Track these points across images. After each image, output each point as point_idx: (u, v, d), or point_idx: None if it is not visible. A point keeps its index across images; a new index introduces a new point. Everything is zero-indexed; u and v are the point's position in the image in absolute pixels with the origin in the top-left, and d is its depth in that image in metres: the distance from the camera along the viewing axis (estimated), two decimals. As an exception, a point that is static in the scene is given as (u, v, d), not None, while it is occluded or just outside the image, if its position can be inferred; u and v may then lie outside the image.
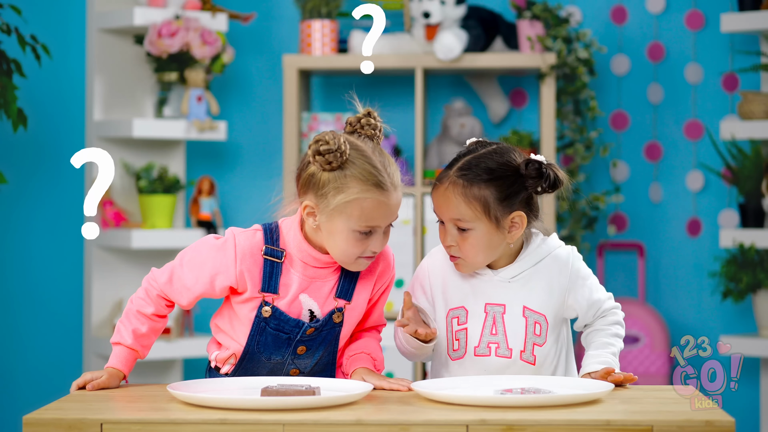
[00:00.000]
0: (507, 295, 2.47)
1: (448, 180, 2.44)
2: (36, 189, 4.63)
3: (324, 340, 2.45)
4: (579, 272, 2.50)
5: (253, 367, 2.46)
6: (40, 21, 4.54)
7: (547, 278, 2.48)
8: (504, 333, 2.47)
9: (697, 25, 4.82)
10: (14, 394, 4.60)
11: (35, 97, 4.55)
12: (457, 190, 2.42)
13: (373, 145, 2.38)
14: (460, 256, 2.45)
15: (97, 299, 4.57)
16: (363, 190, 2.32)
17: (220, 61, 4.53)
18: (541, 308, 2.47)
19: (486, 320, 2.47)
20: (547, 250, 2.49)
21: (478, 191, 2.41)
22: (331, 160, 2.31)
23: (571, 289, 2.49)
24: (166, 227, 4.52)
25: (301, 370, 2.46)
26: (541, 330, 2.47)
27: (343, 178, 2.32)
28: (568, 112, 4.67)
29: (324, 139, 2.32)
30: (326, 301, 2.43)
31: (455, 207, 2.42)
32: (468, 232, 2.42)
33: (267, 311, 2.40)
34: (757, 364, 4.68)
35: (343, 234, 2.34)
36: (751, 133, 4.48)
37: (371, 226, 2.34)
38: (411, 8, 4.57)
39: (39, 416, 2.10)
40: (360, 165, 2.33)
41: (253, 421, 2.07)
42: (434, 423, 2.07)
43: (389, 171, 2.36)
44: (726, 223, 4.74)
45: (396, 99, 4.88)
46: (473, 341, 2.48)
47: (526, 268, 2.48)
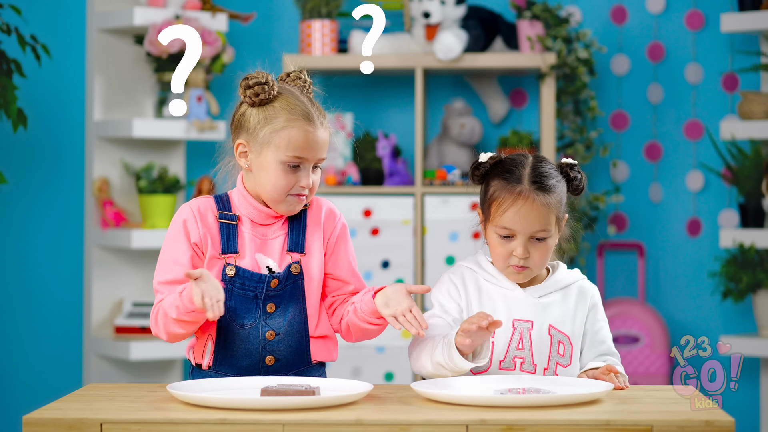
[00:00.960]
0: (535, 312, 2.51)
1: (524, 193, 2.47)
2: (36, 189, 4.63)
3: (291, 295, 2.49)
4: (599, 307, 2.59)
5: (231, 343, 2.49)
6: (40, 21, 4.54)
7: (573, 303, 2.55)
8: (530, 348, 2.50)
9: (697, 25, 4.82)
10: (14, 394, 4.60)
11: (35, 97, 4.55)
12: (538, 201, 2.47)
13: (301, 91, 2.52)
14: (530, 266, 2.49)
15: (97, 299, 4.57)
16: (290, 119, 2.45)
17: (220, 61, 4.53)
18: (566, 329, 2.52)
19: (513, 335, 2.50)
20: (574, 278, 2.58)
21: (553, 199, 2.49)
22: (259, 92, 2.45)
23: (589, 317, 2.56)
24: (166, 227, 4.52)
25: (276, 331, 2.48)
26: (564, 350, 2.51)
27: (271, 110, 2.46)
28: (568, 112, 4.67)
29: (252, 75, 2.47)
30: (281, 257, 2.50)
31: (540, 219, 2.46)
32: (545, 241, 2.48)
33: (231, 270, 2.47)
34: (757, 364, 4.68)
35: (272, 167, 2.45)
36: (751, 133, 4.48)
37: (298, 158, 2.44)
38: (411, 8, 4.57)
39: (39, 416, 2.10)
40: (287, 98, 2.47)
41: (253, 421, 2.07)
42: (434, 423, 2.07)
43: (317, 108, 2.49)
44: (726, 223, 4.74)
45: (396, 99, 4.89)
46: (499, 355, 2.50)
47: (555, 290, 2.54)
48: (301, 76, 2.54)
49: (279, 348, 2.49)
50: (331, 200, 4.44)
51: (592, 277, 4.82)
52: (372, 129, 4.83)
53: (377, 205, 4.51)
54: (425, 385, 2.30)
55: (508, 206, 2.47)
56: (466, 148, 4.68)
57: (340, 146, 4.66)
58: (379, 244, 4.47)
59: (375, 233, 4.51)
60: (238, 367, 2.49)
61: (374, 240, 4.49)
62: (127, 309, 4.56)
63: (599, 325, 2.56)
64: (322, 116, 2.49)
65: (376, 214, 4.51)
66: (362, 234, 4.48)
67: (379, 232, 4.51)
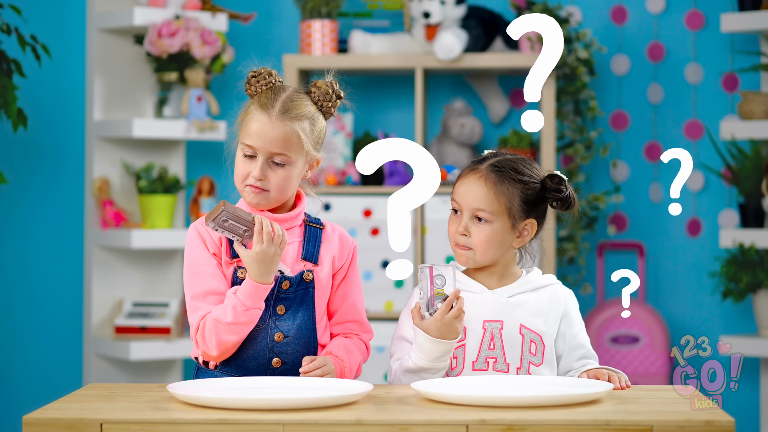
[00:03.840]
0: (504, 313, 2.53)
1: (479, 171, 2.53)
2: (36, 189, 4.63)
3: (302, 301, 2.50)
4: (574, 309, 2.59)
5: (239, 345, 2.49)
6: (40, 21, 4.54)
7: (545, 304, 2.55)
8: (502, 348, 2.51)
9: (697, 25, 4.82)
10: (14, 394, 4.60)
11: (35, 97, 4.55)
12: (489, 182, 2.51)
13: (297, 89, 2.54)
14: (472, 248, 2.51)
15: (97, 299, 4.57)
16: (249, 107, 2.51)
17: (220, 61, 4.53)
18: (537, 328, 2.52)
19: (484, 336, 2.51)
20: (548, 282, 2.59)
21: (507, 188, 2.51)
22: (258, 81, 2.53)
23: (564, 318, 2.56)
24: (166, 227, 4.52)
25: (285, 334, 2.49)
26: (536, 349, 2.51)
27: (247, 105, 2.53)
28: (568, 112, 4.67)
29: (258, 70, 2.56)
30: (295, 263, 2.52)
31: (482, 197, 2.50)
32: (486, 224, 2.51)
33: (242, 273, 2.47)
34: (757, 364, 4.68)
35: (238, 152, 2.52)
36: (751, 133, 4.48)
37: (250, 146, 2.47)
38: (411, 8, 4.57)
39: (39, 416, 2.10)
40: (262, 93, 2.52)
41: (253, 421, 2.07)
42: (434, 423, 2.08)
43: (284, 103, 2.49)
44: (726, 223, 4.74)
45: (396, 99, 4.89)
46: (471, 356, 2.51)
47: (524, 291, 2.56)
48: (331, 91, 2.55)
49: (286, 351, 2.49)
50: (331, 200, 4.45)
51: (592, 277, 4.82)
52: (372, 129, 4.83)
53: (377, 205, 4.51)
54: (425, 385, 2.30)
55: (460, 181, 2.55)
56: (466, 148, 4.68)
57: (340, 146, 4.66)
58: (379, 244, 4.47)
59: (375, 233, 4.51)
60: (244, 368, 2.49)
61: (374, 240, 4.49)
62: (127, 309, 4.56)
63: (576, 329, 2.57)
64: (289, 109, 2.48)
65: (376, 214, 4.51)
66: (362, 234, 4.48)
67: (379, 232, 4.51)
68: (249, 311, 2.40)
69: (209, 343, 2.44)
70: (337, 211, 4.47)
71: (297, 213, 2.55)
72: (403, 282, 4.48)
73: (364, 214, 4.51)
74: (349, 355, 2.54)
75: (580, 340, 2.57)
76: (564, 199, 2.54)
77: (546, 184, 2.53)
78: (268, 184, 2.48)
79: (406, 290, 4.49)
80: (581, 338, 2.57)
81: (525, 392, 2.30)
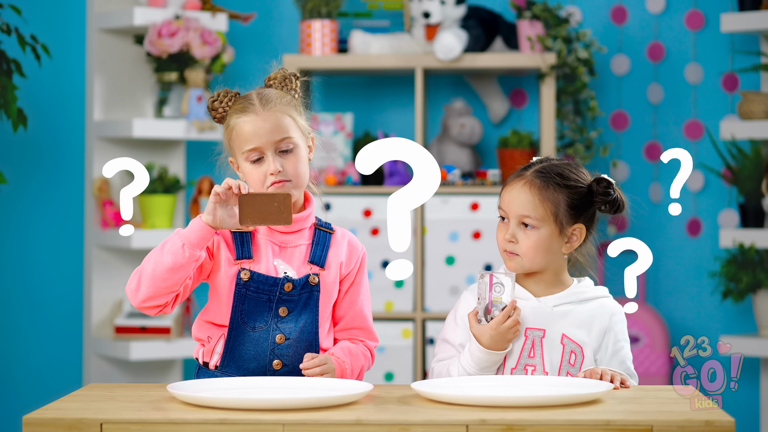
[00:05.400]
0: (547, 322, 2.52)
1: (524, 178, 2.53)
2: (36, 189, 4.63)
3: (306, 304, 2.51)
4: (620, 325, 2.56)
5: (240, 345, 2.50)
6: (40, 21, 4.54)
7: (589, 316, 2.54)
8: (541, 357, 2.50)
9: (697, 25, 4.82)
10: (14, 394, 4.60)
11: (35, 97, 4.55)
12: (534, 188, 2.51)
13: (259, 87, 2.57)
14: (519, 254, 2.51)
15: (97, 299, 4.57)
16: (230, 121, 2.52)
17: (220, 61, 4.53)
18: (579, 339, 2.52)
19: (525, 343, 2.51)
20: (597, 294, 2.59)
21: (553, 194, 2.51)
22: (216, 107, 2.55)
23: (608, 332, 2.54)
24: (166, 227, 4.52)
25: (287, 336, 2.50)
26: (575, 360, 2.51)
27: (226, 124, 2.55)
28: (568, 112, 4.67)
29: (212, 96, 2.56)
30: (301, 266, 2.53)
31: (528, 203, 2.50)
32: (532, 230, 2.50)
33: (245, 274, 2.49)
34: (757, 364, 4.68)
35: (246, 169, 2.52)
36: (751, 133, 4.48)
37: (253, 150, 2.49)
38: (411, 8, 4.57)
39: (39, 416, 2.10)
40: (233, 106, 2.53)
41: (253, 421, 2.07)
42: (434, 423, 2.08)
43: (260, 98, 2.52)
44: (726, 223, 4.74)
45: (396, 99, 4.89)
46: (511, 362, 2.51)
47: (571, 301, 2.55)
48: (286, 75, 2.60)
49: (287, 353, 2.49)
50: (331, 200, 4.45)
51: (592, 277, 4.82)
52: (372, 129, 4.83)
53: (377, 205, 4.51)
54: (425, 385, 2.30)
55: (506, 188, 2.54)
56: (466, 148, 4.68)
57: (340, 146, 4.66)
58: (379, 244, 4.47)
59: (375, 233, 4.51)
60: (245, 369, 2.49)
61: (374, 240, 4.49)
62: (127, 309, 4.56)
63: (620, 345, 2.55)
64: (269, 99, 2.51)
65: (376, 214, 4.51)
66: (362, 234, 4.48)
67: (379, 232, 4.51)
68: (184, 247, 2.40)
69: (143, 280, 2.49)
70: (337, 211, 4.47)
71: (307, 214, 2.56)
72: (403, 282, 4.48)
73: (364, 214, 4.51)
74: (352, 358, 2.55)
75: (622, 357, 2.54)
76: (612, 202, 2.55)
77: (593, 188, 2.54)
78: (287, 174, 2.50)
79: (407, 290, 4.49)
80: (623, 355, 2.54)
81: (525, 392, 2.30)
